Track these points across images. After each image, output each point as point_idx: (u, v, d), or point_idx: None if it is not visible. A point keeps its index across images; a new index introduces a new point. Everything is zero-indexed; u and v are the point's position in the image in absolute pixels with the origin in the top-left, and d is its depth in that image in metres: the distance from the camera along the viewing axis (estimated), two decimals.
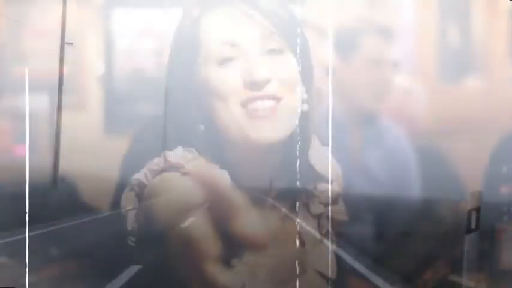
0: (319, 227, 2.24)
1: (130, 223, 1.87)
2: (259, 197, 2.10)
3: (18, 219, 2.97)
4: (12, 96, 3.47)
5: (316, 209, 2.22)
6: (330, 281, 2.21)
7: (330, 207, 2.24)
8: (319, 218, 2.24)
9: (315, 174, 2.20)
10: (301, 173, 2.15)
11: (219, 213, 1.22)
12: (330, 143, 2.49)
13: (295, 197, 2.21)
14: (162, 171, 1.88)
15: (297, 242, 2.20)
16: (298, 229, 2.20)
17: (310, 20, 2.83)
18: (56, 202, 3.16)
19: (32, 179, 3.31)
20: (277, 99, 1.97)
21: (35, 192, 3.18)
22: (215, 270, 1.18)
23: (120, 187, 2.28)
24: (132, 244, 1.88)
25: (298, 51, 2.03)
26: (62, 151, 3.48)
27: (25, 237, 2.79)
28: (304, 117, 2.07)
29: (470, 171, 3.48)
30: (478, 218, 3.05)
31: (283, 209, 2.18)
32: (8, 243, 2.68)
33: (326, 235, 2.24)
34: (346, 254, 3.08)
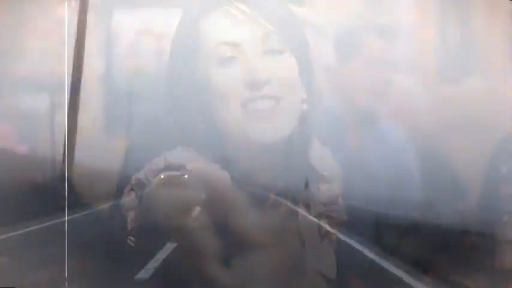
0: (319, 227, 2.24)
1: (130, 223, 1.87)
2: (259, 197, 2.11)
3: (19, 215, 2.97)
4: (12, 96, 3.46)
5: (316, 209, 2.22)
6: (330, 281, 2.21)
7: (330, 207, 2.25)
8: (319, 218, 2.24)
9: (315, 174, 2.20)
10: (301, 173, 2.15)
11: (218, 213, 1.22)
12: (329, 143, 2.49)
13: (295, 197, 2.21)
14: (162, 171, 1.88)
15: (297, 241, 2.20)
16: (298, 229, 2.21)
17: (310, 19, 2.84)
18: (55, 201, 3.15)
19: (32, 178, 3.30)
20: (277, 99, 1.97)
21: (34, 192, 3.18)
22: (215, 270, 1.18)
23: (120, 187, 2.28)
24: (133, 244, 1.88)
25: (298, 51, 2.03)
26: (61, 151, 3.47)
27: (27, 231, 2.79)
28: (304, 117, 2.07)
29: (470, 171, 3.48)
30: None
31: (283, 209, 2.18)
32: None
33: (326, 235, 2.25)
34: (346, 254, 3.08)
